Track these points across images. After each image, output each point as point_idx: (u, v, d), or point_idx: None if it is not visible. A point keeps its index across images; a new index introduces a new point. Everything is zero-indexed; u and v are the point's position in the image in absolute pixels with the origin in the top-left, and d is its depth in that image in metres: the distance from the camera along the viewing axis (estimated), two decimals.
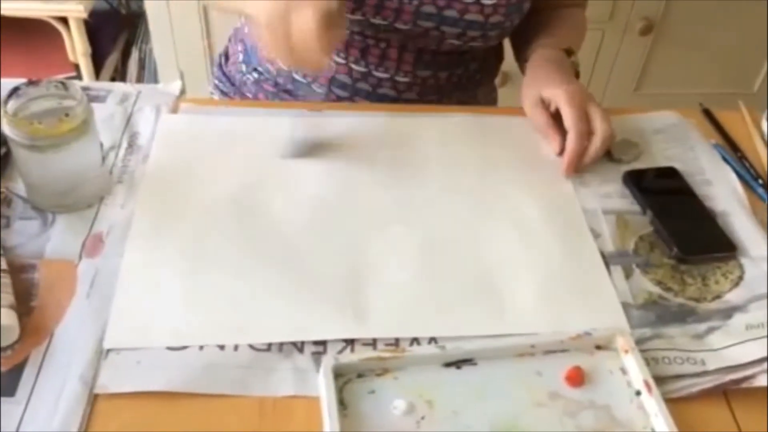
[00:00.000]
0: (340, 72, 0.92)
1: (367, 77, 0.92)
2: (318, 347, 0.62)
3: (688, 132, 0.87)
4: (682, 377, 0.62)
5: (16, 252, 0.67)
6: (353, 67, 0.91)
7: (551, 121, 0.82)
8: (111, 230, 0.69)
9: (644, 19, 1.74)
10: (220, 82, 1.06)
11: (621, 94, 1.87)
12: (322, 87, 0.93)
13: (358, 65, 0.91)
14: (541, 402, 0.60)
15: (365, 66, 0.91)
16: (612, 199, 0.78)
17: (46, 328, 0.61)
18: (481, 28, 0.86)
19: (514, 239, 0.72)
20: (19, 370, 0.58)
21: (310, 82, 0.93)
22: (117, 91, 0.85)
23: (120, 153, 0.77)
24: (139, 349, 0.60)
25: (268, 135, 0.81)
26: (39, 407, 0.56)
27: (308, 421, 0.57)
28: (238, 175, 0.76)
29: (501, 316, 0.65)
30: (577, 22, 0.99)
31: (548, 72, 0.85)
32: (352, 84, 0.92)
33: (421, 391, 0.59)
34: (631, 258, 0.72)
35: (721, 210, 0.78)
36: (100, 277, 0.65)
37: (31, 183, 0.70)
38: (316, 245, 0.70)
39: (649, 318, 0.66)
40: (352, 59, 0.91)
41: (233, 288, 0.65)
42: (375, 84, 0.92)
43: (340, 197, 0.75)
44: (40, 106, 0.68)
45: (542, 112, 0.83)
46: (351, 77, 0.92)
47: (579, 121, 0.78)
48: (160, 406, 0.57)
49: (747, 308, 0.68)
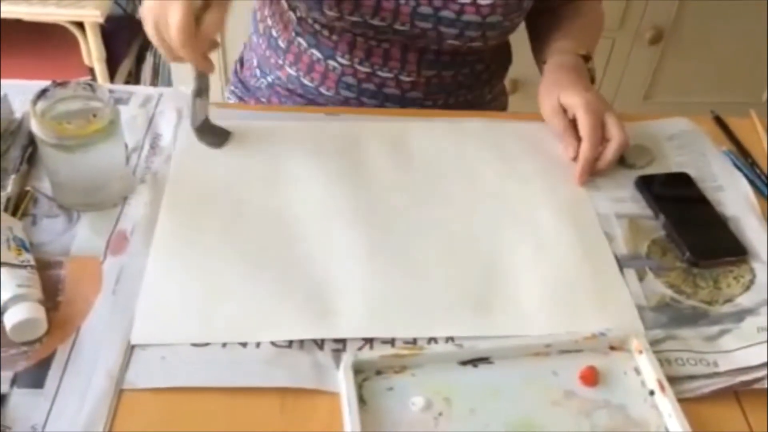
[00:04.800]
0: (346, 74, 0.93)
1: (372, 77, 0.93)
2: (338, 344, 0.63)
3: (700, 138, 0.88)
4: (694, 378, 0.63)
5: (42, 249, 0.68)
6: (358, 68, 0.93)
7: (570, 127, 0.83)
8: (135, 228, 0.71)
9: (654, 27, 1.75)
10: (236, 88, 1.08)
11: (630, 102, 1.88)
12: (329, 90, 0.95)
13: (362, 66, 0.92)
14: (557, 401, 0.61)
15: (370, 66, 0.92)
16: (625, 203, 0.79)
17: (72, 323, 0.63)
18: (479, 28, 0.87)
19: (531, 242, 0.73)
20: (47, 363, 0.60)
21: (318, 86, 0.95)
22: (139, 93, 0.86)
23: (143, 154, 0.79)
24: (164, 345, 0.62)
25: (289, 136, 0.83)
26: (67, 400, 0.58)
27: (329, 417, 0.58)
28: (259, 176, 0.78)
29: (517, 317, 0.66)
30: (593, 16, 1.00)
31: (567, 79, 0.86)
32: (358, 85, 0.94)
33: (438, 389, 0.61)
34: (644, 261, 0.73)
35: (733, 215, 0.79)
36: (125, 274, 0.67)
37: (57, 182, 0.72)
38: (336, 246, 0.71)
39: (662, 320, 0.68)
40: (356, 60, 0.92)
41: (255, 286, 0.67)
42: (380, 83, 0.93)
43: (361, 199, 0.76)
44: (67, 107, 0.70)
45: (562, 118, 0.84)
46: (356, 78, 0.93)
47: (594, 130, 0.80)
48: (184, 402, 0.59)
49: (758, 311, 0.69)
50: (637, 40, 1.78)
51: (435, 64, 0.93)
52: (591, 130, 0.80)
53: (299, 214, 0.74)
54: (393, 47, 0.91)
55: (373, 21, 0.87)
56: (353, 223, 0.73)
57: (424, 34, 0.88)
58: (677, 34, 1.79)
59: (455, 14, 0.86)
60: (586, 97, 0.81)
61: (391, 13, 0.86)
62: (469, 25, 0.87)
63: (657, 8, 1.73)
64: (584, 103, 0.81)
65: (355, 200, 0.76)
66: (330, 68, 0.93)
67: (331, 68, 0.93)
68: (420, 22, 0.87)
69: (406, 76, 0.93)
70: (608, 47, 1.78)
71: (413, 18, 0.86)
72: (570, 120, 0.83)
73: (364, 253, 0.71)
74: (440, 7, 0.86)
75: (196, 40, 0.70)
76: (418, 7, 0.86)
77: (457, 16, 0.86)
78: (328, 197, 0.76)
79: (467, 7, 0.85)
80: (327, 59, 0.93)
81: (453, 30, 0.87)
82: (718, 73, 1.87)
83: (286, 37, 0.95)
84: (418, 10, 0.86)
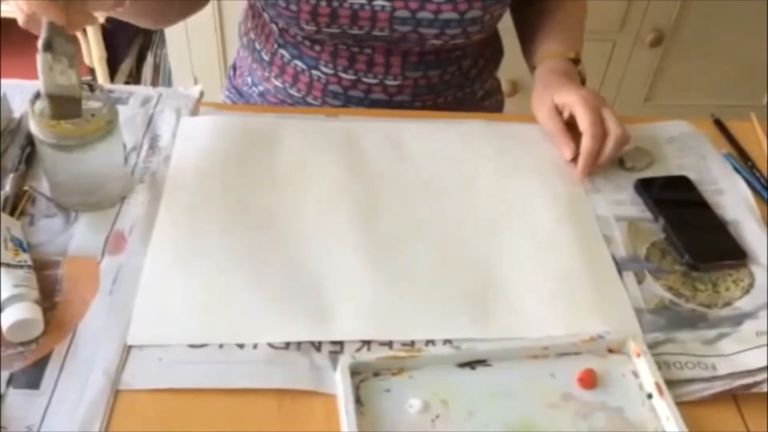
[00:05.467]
0: (331, 82, 0.93)
1: (358, 84, 0.93)
2: (335, 347, 0.63)
3: (700, 141, 0.88)
4: (693, 381, 0.63)
5: (40, 249, 0.68)
6: (343, 76, 0.92)
7: (565, 128, 0.83)
8: (133, 228, 0.71)
9: (655, 30, 1.75)
10: (231, 93, 1.08)
11: (631, 104, 1.88)
12: (316, 99, 0.95)
13: (346, 74, 0.92)
14: (554, 403, 0.61)
15: (354, 74, 0.92)
16: (624, 206, 0.79)
17: (69, 323, 0.62)
18: (459, 25, 0.87)
19: (530, 244, 0.73)
20: (44, 363, 0.60)
21: (305, 96, 0.95)
22: (138, 93, 0.86)
23: (141, 154, 0.79)
24: (161, 347, 0.61)
25: (289, 135, 0.82)
26: (63, 400, 0.57)
27: (326, 418, 0.58)
28: (258, 176, 0.78)
29: (515, 319, 0.66)
30: (579, 14, 1.00)
31: (559, 80, 0.86)
32: (344, 92, 0.93)
33: (436, 391, 0.60)
34: (643, 264, 0.73)
35: (732, 218, 0.78)
36: (122, 274, 0.67)
37: (55, 182, 0.72)
38: (334, 247, 0.71)
39: (661, 323, 0.67)
40: (340, 68, 0.92)
41: (253, 287, 0.67)
42: (366, 90, 0.93)
43: (359, 200, 0.76)
44: None
45: (556, 119, 0.84)
46: (341, 86, 0.93)
47: (594, 123, 0.79)
48: (181, 403, 0.58)
49: (757, 315, 0.69)
50: (638, 43, 1.78)
51: (420, 65, 0.92)
52: (591, 122, 0.79)
53: (298, 216, 0.74)
54: (376, 53, 0.91)
55: (352, 30, 0.87)
56: (351, 224, 0.73)
57: (404, 38, 0.88)
58: (678, 37, 1.79)
59: (433, 14, 0.85)
60: (581, 94, 0.81)
61: (368, 21, 0.86)
62: (448, 24, 0.86)
63: (658, 10, 1.72)
64: (581, 98, 0.81)
65: (353, 201, 0.76)
66: (315, 78, 0.93)
67: (315, 78, 0.93)
68: (399, 26, 0.86)
69: (392, 80, 0.93)
70: (609, 49, 1.78)
71: (392, 23, 0.86)
72: (566, 121, 0.83)
73: (362, 255, 0.70)
74: (417, 8, 0.85)
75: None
76: (395, 11, 0.85)
77: (435, 15, 0.85)
78: (327, 198, 0.76)
79: (443, 6, 0.85)
80: (311, 69, 0.93)
81: (433, 30, 0.87)
82: (718, 75, 1.87)
83: (270, 50, 0.95)
84: (396, 14, 0.86)
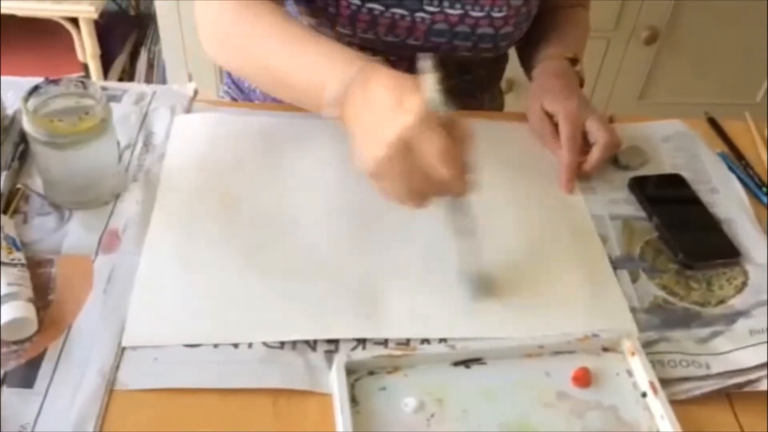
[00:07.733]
0: None
1: None
2: (330, 346, 0.63)
3: (694, 140, 0.89)
4: (687, 380, 0.63)
5: (33, 247, 0.68)
6: None
7: (555, 133, 0.83)
8: (127, 227, 0.70)
9: (649, 28, 1.75)
10: (230, 89, 1.07)
11: (625, 102, 1.88)
12: None
13: None
14: (549, 402, 0.61)
15: None
16: (619, 205, 0.79)
17: (63, 322, 0.62)
18: (492, 40, 0.88)
19: (525, 243, 0.73)
20: (38, 362, 0.59)
21: None
22: (132, 91, 0.86)
23: (135, 152, 0.78)
24: (155, 347, 0.61)
25: (284, 133, 0.82)
26: (57, 400, 0.57)
27: (321, 417, 0.58)
28: (253, 175, 0.77)
29: (510, 318, 0.66)
30: (580, 23, 1.00)
31: (553, 84, 0.86)
32: None
33: (431, 389, 0.60)
34: (638, 263, 0.73)
35: (726, 217, 0.79)
36: (116, 273, 0.66)
37: (49, 180, 0.71)
38: (330, 245, 0.71)
39: (655, 321, 0.68)
40: None
41: (248, 286, 0.66)
42: None
43: (355, 198, 0.76)
44: (59, 104, 0.69)
45: (546, 124, 0.84)
46: None
47: (571, 140, 0.80)
48: (176, 402, 0.58)
49: (750, 314, 0.69)
50: (633, 41, 1.78)
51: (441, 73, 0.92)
52: (569, 139, 0.80)
53: (293, 214, 0.74)
54: (401, 60, 0.90)
55: (387, 38, 0.86)
56: (347, 223, 0.73)
57: (436, 48, 0.88)
58: (672, 35, 1.79)
59: (470, 28, 0.86)
60: (565, 106, 0.82)
61: (405, 31, 0.86)
62: (483, 38, 0.87)
63: (652, 8, 1.73)
64: (564, 112, 0.81)
65: (350, 200, 0.76)
66: None
67: None
68: (435, 37, 0.86)
69: None
70: (603, 47, 1.78)
71: (428, 34, 0.86)
72: (555, 125, 0.83)
73: (358, 254, 0.70)
74: (456, 22, 0.85)
75: (456, 158, 0.62)
76: (434, 24, 0.85)
77: (473, 30, 0.86)
78: (322, 197, 0.76)
79: (481, 21, 0.85)
80: None
81: (467, 43, 0.87)
82: (713, 73, 1.87)
83: None
84: (434, 26, 0.85)
